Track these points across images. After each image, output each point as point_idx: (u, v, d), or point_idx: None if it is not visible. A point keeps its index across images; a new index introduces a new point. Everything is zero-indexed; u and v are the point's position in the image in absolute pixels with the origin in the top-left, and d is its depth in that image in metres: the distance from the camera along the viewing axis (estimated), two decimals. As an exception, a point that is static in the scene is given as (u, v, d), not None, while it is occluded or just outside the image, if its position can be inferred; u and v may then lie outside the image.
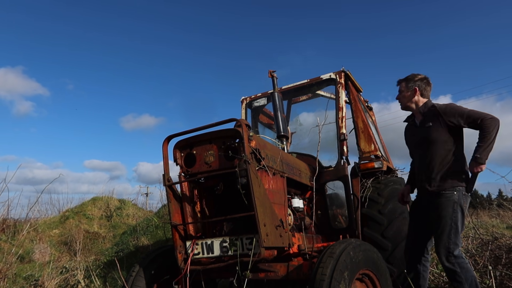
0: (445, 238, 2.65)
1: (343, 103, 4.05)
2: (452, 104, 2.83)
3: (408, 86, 2.95)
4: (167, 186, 2.74)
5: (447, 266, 2.64)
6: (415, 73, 3.01)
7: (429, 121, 2.83)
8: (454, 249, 2.63)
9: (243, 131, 2.46)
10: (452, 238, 2.63)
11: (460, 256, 2.65)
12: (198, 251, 2.61)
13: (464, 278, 2.60)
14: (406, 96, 2.97)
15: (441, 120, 2.77)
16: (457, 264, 2.62)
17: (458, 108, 2.75)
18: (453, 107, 2.77)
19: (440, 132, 2.77)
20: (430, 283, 3.73)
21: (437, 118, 2.79)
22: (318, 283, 2.16)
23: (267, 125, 5.08)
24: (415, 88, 2.92)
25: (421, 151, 2.89)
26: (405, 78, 3.01)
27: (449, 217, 2.66)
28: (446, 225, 2.65)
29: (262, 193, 2.49)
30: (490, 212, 10.23)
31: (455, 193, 2.68)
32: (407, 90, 2.96)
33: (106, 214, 9.81)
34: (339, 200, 4.01)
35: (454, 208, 2.66)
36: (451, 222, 2.65)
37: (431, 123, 2.81)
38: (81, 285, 5.16)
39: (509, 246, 3.78)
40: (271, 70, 4.07)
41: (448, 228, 2.64)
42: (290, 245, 2.74)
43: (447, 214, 2.66)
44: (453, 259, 2.62)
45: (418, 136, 2.91)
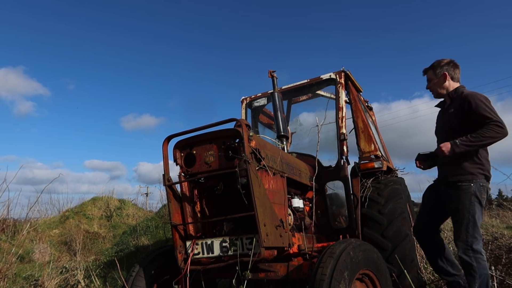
0: (463, 232, 2.64)
1: (343, 103, 4.04)
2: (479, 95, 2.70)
3: (436, 72, 2.91)
4: (167, 186, 2.74)
5: (464, 258, 2.63)
6: (440, 59, 2.95)
7: (452, 107, 2.80)
8: (472, 242, 2.62)
9: (243, 131, 2.46)
10: (470, 231, 2.62)
11: (479, 251, 2.63)
12: (198, 251, 2.61)
13: (478, 274, 2.59)
14: (437, 83, 2.93)
15: (463, 107, 2.71)
16: (474, 258, 2.60)
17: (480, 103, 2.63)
18: (476, 102, 2.65)
19: (461, 120, 2.72)
20: (430, 283, 3.73)
21: (461, 106, 2.73)
22: (318, 283, 2.16)
23: (267, 125, 5.07)
24: (444, 73, 2.89)
25: (442, 138, 2.86)
26: (431, 65, 2.96)
27: (466, 210, 2.64)
28: (464, 218, 2.64)
29: (262, 193, 2.49)
30: (490, 212, 10.24)
31: (472, 184, 2.66)
32: (436, 77, 2.92)
33: (106, 214, 9.81)
34: (339, 200, 4.01)
35: (471, 200, 2.64)
36: (468, 215, 2.64)
37: (453, 109, 2.78)
38: (81, 285, 5.16)
39: (509, 246, 3.78)
40: (271, 70, 4.07)
41: (466, 222, 2.63)
42: (290, 245, 2.74)
43: (464, 207, 2.65)
44: (471, 252, 2.61)
45: (442, 122, 2.91)
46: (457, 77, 2.91)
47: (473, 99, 2.67)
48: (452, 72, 2.88)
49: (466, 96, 2.74)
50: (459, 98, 2.79)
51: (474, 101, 2.66)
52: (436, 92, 2.98)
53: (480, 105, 2.63)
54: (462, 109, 2.72)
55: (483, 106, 2.62)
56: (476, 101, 2.65)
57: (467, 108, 2.68)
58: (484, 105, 2.63)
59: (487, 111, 2.60)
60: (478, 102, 2.65)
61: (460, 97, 2.79)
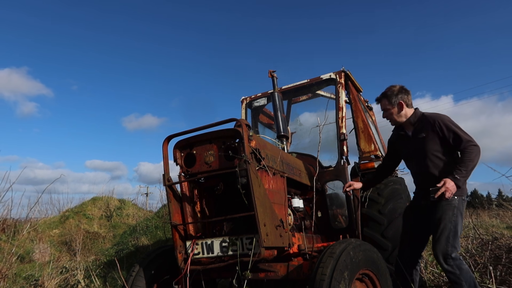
0: (443, 241, 2.66)
1: (343, 103, 4.04)
2: (443, 117, 2.83)
3: (392, 102, 2.94)
4: (167, 186, 2.74)
5: (446, 269, 2.65)
6: (390, 87, 3.01)
7: (421, 132, 2.85)
8: (452, 252, 2.64)
9: (243, 131, 2.46)
10: (451, 241, 2.65)
11: (457, 258, 2.66)
12: (198, 251, 2.61)
13: (463, 280, 2.61)
14: (394, 113, 2.97)
15: (434, 131, 2.79)
16: (455, 266, 2.63)
17: (449, 124, 2.76)
18: (445, 122, 2.77)
19: (435, 142, 2.79)
20: (430, 283, 3.73)
21: (430, 129, 2.81)
22: (318, 283, 2.17)
23: (267, 125, 5.07)
24: (400, 102, 2.93)
25: (417, 162, 2.90)
26: (384, 95, 2.99)
27: (448, 220, 2.68)
28: (446, 228, 2.67)
29: (262, 193, 2.49)
30: (490, 212, 10.24)
31: (455, 197, 2.70)
32: (392, 106, 2.95)
33: (106, 214, 9.81)
34: (339, 200, 4.01)
35: (454, 212, 2.69)
36: (450, 225, 2.67)
37: (424, 133, 2.84)
38: (81, 285, 5.16)
39: (509, 246, 3.78)
40: (271, 70, 4.07)
41: (447, 231, 2.66)
42: (290, 245, 2.74)
43: (447, 217, 2.68)
44: (451, 261, 2.63)
45: (412, 147, 2.92)
46: (411, 103, 2.98)
47: (442, 121, 2.77)
48: (406, 99, 2.94)
49: (433, 119, 2.82)
50: (425, 122, 2.86)
51: (444, 123, 2.76)
52: (394, 121, 3.02)
53: (450, 126, 2.74)
54: (435, 132, 2.79)
55: (453, 127, 2.74)
56: (446, 123, 2.76)
57: (439, 130, 2.76)
58: (455, 126, 2.75)
59: (461, 132, 2.72)
60: (448, 123, 2.76)
61: (425, 121, 2.86)
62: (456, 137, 2.71)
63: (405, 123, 2.97)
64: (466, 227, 5.84)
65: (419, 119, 2.90)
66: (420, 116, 2.91)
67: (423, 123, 2.86)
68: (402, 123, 2.99)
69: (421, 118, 2.89)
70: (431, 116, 2.84)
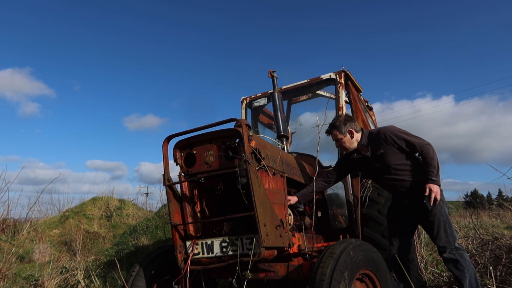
0: (443, 234, 2.80)
1: (343, 103, 4.04)
2: (390, 128, 2.96)
3: (343, 131, 3.03)
4: (167, 186, 2.74)
5: (448, 258, 2.77)
6: (336, 117, 3.12)
7: (379, 149, 2.95)
8: (454, 242, 2.79)
9: (243, 131, 2.46)
10: (449, 232, 2.81)
11: (460, 248, 2.81)
12: (198, 251, 2.61)
13: (466, 268, 2.72)
14: (346, 141, 3.06)
15: (388, 144, 2.91)
16: (458, 254, 2.76)
17: (399, 134, 2.90)
18: (394, 133, 2.91)
19: (394, 153, 2.91)
20: (430, 283, 3.73)
21: (385, 144, 2.92)
22: (318, 283, 2.16)
23: (267, 125, 5.07)
24: (350, 130, 3.04)
25: (385, 177, 3.00)
26: (333, 126, 3.08)
27: (439, 213, 2.82)
28: (440, 221, 2.82)
29: (262, 193, 2.49)
30: (490, 212, 10.24)
31: None
32: (344, 135, 3.04)
33: (106, 214, 9.81)
34: (339, 200, 4.01)
35: (441, 204, 2.83)
36: (442, 217, 2.82)
37: (382, 150, 2.94)
38: (81, 285, 5.16)
39: (509, 246, 3.77)
40: (271, 70, 4.07)
41: (443, 224, 2.81)
42: (290, 245, 2.74)
43: (437, 211, 2.82)
44: (454, 250, 2.77)
45: (375, 165, 3.01)
46: (358, 127, 3.10)
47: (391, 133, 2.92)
48: (354, 126, 3.06)
49: (383, 133, 2.95)
50: (376, 139, 2.98)
51: (393, 134, 2.91)
52: (348, 148, 3.11)
53: (400, 135, 2.90)
54: (389, 145, 2.91)
55: (402, 135, 2.90)
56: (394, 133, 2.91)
57: (392, 142, 2.90)
58: (403, 133, 2.91)
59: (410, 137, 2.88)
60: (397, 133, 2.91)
61: (376, 138, 2.98)
62: (407, 143, 2.87)
63: (359, 146, 3.08)
64: (466, 227, 5.85)
65: (370, 138, 3.02)
66: (368, 135, 3.04)
67: (375, 140, 2.98)
68: (357, 147, 3.09)
69: (371, 137, 3.02)
70: (379, 131, 2.98)
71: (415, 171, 2.90)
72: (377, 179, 3.18)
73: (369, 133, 3.07)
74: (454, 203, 14.73)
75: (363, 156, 3.09)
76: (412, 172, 2.90)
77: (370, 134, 3.05)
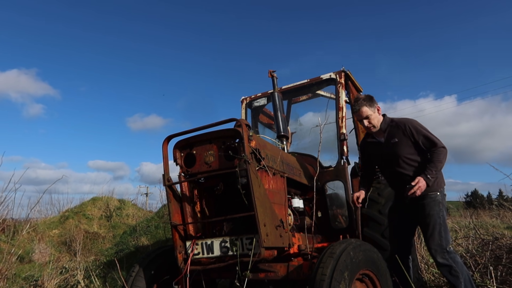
0: (436, 236, 2.78)
1: (343, 103, 4.04)
2: (413, 121, 2.91)
3: (372, 108, 2.95)
4: (167, 186, 2.73)
5: (442, 263, 2.75)
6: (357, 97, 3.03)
7: (394, 137, 2.91)
8: (446, 245, 2.76)
9: (243, 131, 2.45)
10: (443, 235, 2.78)
11: (452, 252, 2.79)
12: (198, 251, 2.61)
13: (460, 273, 2.71)
14: (376, 118, 2.96)
15: (405, 135, 2.87)
16: (451, 259, 2.74)
17: (420, 128, 2.86)
18: (416, 127, 2.87)
19: (408, 146, 2.88)
20: (430, 283, 3.73)
21: (402, 134, 2.88)
22: (318, 283, 2.16)
23: (267, 125, 5.07)
24: (378, 107, 2.98)
25: (393, 167, 2.96)
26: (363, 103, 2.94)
27: (437, 216, 2.81)
28: (436, 224, 2.79)
29: (262, 193, 2.49)
30: (491, 212, 10.23)
31: (438, 193, 2.84)
32: (373, 111, 2.95)
33: (106, 214, 9.80)
34: (339, 200, 4.00)
35: (440, 207, 2.82)
36: (439, 220, 2.80)
37: (397, 139, 2.90)
38: (81, 285, 5.15)
39: (509, 246, 3.77)
40: (271, 70, 4.07)
41: (438, 226, 2.79)
42: (290, 245, 2.74)
43: (434, 213, 2.81)
44: (446, 255, 2.75)
45: (385, 152, 2.97)
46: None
47: (412, 125, 2.87)
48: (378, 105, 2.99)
49: (404, 123, 2.89)
50: (395, 127, 2.92)
51: (414, 127, 2.86)
52: (375, 127, 2.98)
53: (420, 130, 2.86)
54: (406, 137, 2.87)
55: (423, 131, 2.85)
56: (416, 127, 2.87)
57: (410, 134, 2.86)
58: (424, 129, 2.86)
59: (430, 135, 2.84)
60: (418, 127, 2.87)
61: (396, 127, 2.92)
62: (426, 140, 2.83)
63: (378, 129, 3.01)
64: (467, 227, 5.84)
65: (389, 125, 2.97)
66: (389, 122, 2.98)
67: (394, 128, 2.93)
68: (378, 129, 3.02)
69: (391, 124, 2.97)
70: (401, 121, 2.93)
71: (421, 170, 2.85)
72: (384, 169, 3.13)
73: (390, 119, 3.00)
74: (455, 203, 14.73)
75: (377, 141, 3.02)
76: (419, 169, 2.86)
77: (391, 121, 2.98)
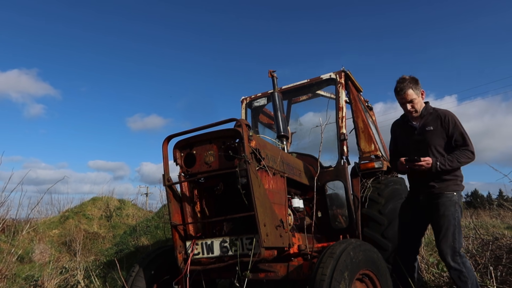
0: (450, 238, 2.68)
1: (343, 103, 4.04)
2: (455, 116, 2.82)
3: (416, 91, 2.84)
4: (167, 186, 2.73)
5: (453, 266, 2.66)
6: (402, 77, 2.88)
7: (429, 125, 2.83)
8: (459, 248, 2.68)
9: (243, 131, 2.45)
10: (457, 237, 2.68)
11: (463, 256, 2.71)
12: (198, 251, 2.60)
13: (468, 278, 2.63)
14: (419, 102, 2.85)
15: (442, 126, 2.78)
16: (462, 263, 2.66)
17: (459, 124, 2.78)
18: (455, 121, 2.78)
19: (441, 137, 2.79)
20: (430, 283, 3.73)
21: (439, 123, 2.80)
22: (318, 283, 2.16)
23: (267, 125, 5.07)
24: (422, 91, 2.88)
25: (419, 154, 2.84)
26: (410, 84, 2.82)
27: (452, 217, 2.70)
28: (450, 225, 2.69)
29: (262, 193, 2.49)
30: (491, 212, 10.23)
31: (455, 193, 2.75)
32: (417, 95, 2.84)
33: (106, 214, 9.79)
34: (339, 200, 4.00)
35: (456, 208, 2.72)
36: (454, 221, 2.70)
37: (432, 127, 2.81)
38: (81, 285, 5.15)
39: (509, 246, 3.77)
40: (271, 70, 4.07)
41: (453, 228, 2.69)
42: (290, 245, 2.74)
43: (450, 214, 2.71)
44: (458, 258, 2.66)
45: (416, 139, 2.88)
46: None
47: (452, 119, 2.79)
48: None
49: (444, 114, 2.81)
50: (434, 115, 2.84)
51: (453, 121, 2.78)
52: (417, 111, 2.88)
53: (459, 126, 2.77)
54: (442, 127, 2.79)
55: (461, 128, 2.77)
56: (456, 121, 2.79)
57: (447, 126, 2.77)
58: (463, 128, 2.78)
59: (467, 136, 2.76)
60: (458, 122, 2.79)
61: (435, 115, 2.84)
62: (460, 137, 2.75)
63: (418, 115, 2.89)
64: (467, 227, 5.84)
65: (429, 113, 2.87)
66: (430, 110, 2.88)
67: (433, 116, 2.84)
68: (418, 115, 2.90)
69: (431, 112, 2.87)
70: (442, 111, 2.84)
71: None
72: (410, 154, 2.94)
73: (432, 108, 2.89)
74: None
75: (411, 126, 2.92)
76: None
77: (432, 109, 2.88)
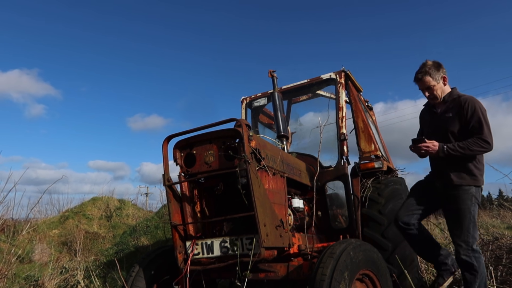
0: (465, 232, 2.63)
1: (343, 103, 4.04)
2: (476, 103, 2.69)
3: (436, 78, 2.77)
4: (167, 186, 2.73)
5: (464, 259, 2.62)
6: (429, 61, 2.80)
7: (450, 112, 2.76)
8: (473, 243, 2.62)
9: (243, 131, 2.45)
10: (471, 232, 2.63)
11: (478, 251, 2.65)
12: (198, 251, 2.60)
13: (479, 273, 2.60)
14: (440, 88, 2.78)
15: (462, 112, 2.69)
16: (474, 258, 2.61)
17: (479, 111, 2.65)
18: (475, 107, 2.66)
19: (459, 124, 2.71)
20: (430, 283, 3.72)
21: (459, 110, 2.71)
22: (318, 283, 2.16)
23: (267, 125, 5.07)
24: (444, 76, 2.79)
25: (439, 140, 2.75)
26: (426, 72, 2.77)
27: (468, 211, 2.65)
28: (466, 218, 2.64)
29: (262, 193, 2.49)
30: (491, 212, 10.23)
31: (473, 186, 2.68)
32: (437, 82, 2.77)
33: (106, 214, 9.79)
34: (339, 200, 4.00)
35: (473, 201, 2.66)
36: (469, 215, 2.64)
37: (451, 113, 2.74)
38: (81, 285, 5.15)
39: (509, 246, 3.77)
40: (271, 70, 4.07)
41: (468, 222, 2.63)
42: (290, 245, 2.74)
43: (466, 208, 2.65)
44: (471, 252, 2.61)
45: (437, 123, 2.83)
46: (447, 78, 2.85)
47: (473, 106, 2.66)
48: (446, 74, 2.81)
49: (466, 101, 2.70)
50: (457, 102, 2.75)
51: (473, 106, 2.66)
52: (438, 98, 2.80)
53: (478, 113, 2.65)
54: (461, 115, 2.70)
55: (481, 116, 2.64)
56: (475, 107, 2.66)
57: (466, 112, 2.67)
58: (483, 116, 2.65)
59: (486, 125, 2.63)
60: (478, 109, 2.66)
61: (458, 101, 2.74)
62: (477, 124, 2.63)
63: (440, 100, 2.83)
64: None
65: (453, 99, 2.78)
66: (455, 96, 2.79)
67: (455, 103, 2.76)
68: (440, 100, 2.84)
69: (455, 98, 2.78)
70: (465, 98, 2.73)
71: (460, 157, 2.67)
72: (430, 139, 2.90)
73: (458, 94, 2.79)
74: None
75: (434, 111, 2.87)
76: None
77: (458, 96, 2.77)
